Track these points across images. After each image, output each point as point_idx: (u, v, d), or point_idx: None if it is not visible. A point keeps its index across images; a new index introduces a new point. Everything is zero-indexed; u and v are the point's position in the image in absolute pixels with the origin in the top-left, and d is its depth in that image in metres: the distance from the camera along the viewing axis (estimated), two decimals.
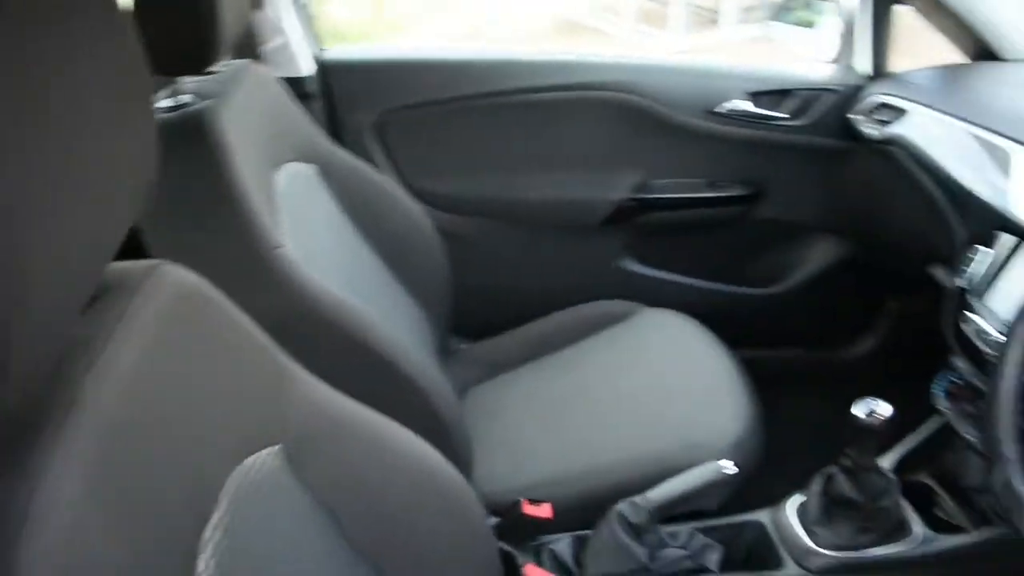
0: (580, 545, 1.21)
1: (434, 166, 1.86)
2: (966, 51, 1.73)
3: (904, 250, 1.67)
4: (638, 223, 1.88)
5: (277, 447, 0.75)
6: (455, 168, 1.87)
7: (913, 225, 1.57)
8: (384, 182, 1.53)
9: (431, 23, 6.45)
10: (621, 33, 6.50)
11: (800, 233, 1.95)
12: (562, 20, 6.75)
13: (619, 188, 1.85)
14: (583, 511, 1.23)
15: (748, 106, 1.78)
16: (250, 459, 0.71)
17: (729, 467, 1.19)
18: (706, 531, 1.26)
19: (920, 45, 1.82)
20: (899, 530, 1.24)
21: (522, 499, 1.20)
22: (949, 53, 1.74)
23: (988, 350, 1.17)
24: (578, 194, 1.86)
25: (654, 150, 1.84)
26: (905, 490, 1.28)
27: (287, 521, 0.75)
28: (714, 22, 6.43)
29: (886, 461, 1.36)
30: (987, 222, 1.28)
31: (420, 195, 1.74)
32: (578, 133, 1.85)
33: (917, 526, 1.25)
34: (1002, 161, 1.32)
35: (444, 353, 1.61)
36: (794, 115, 1.79)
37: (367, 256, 1.45)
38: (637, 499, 1.18)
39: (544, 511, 1.20)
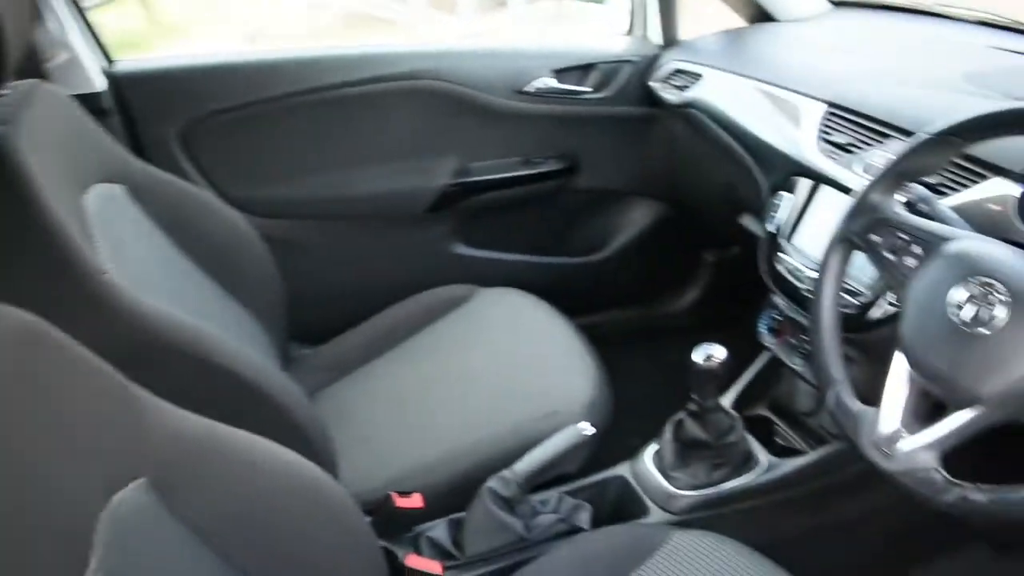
0: (456, 528, 1.22)
1: (250, 172, 1.80)
2: (745, 16, 1.87)
3: (714, 205, 1.78)
4: (463, 207, 1.90)
5: (142, 480, 0.71)
6: (272, 172, 1.81)
7: (720, 180, 1.68)
8: (199, 194, 1.45)
9: (210, 28, 6.16)
10: (411, 21, 6.48)
11: (617, 200, 2.04)
12: (348, 13, 6.63)
13: (440, 175, 1.86)
14: (454, 494, 1.24)
15: (554, 83, 1.84)
16: (117, 496, 0.67)
17: (588, 428, 1.24)
18: (573, 493, 1.31)
19: (704, 13, 1.95)
20: (747, 461, 1.34)
21: (392, 493, 1.19)
22: (730, 19, 1.88)
23: (802, 286, 1.27)
24: (400, 185, 1.86)
25: (469, 134, 1.86)
26: (747, 424, 1.39)
27: (165, 554, 0.71)
28: (503, 3, 6.54)
29: (726, 400, 1.46)
30: (785, 170, 1.40)
31: (239, 203, 1.67)
32: (393, 124, 1.84)
33: (762, 455, 1.35)
34: (792, 113, 1.45)
35: (287, 361, 1.56)
36: (598, 88, 1.87)
37: (192, 273, 1.38)
38: (505, 473, 1.20)
39: (415, 501, 1.20)
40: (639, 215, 2.05)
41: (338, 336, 1.68)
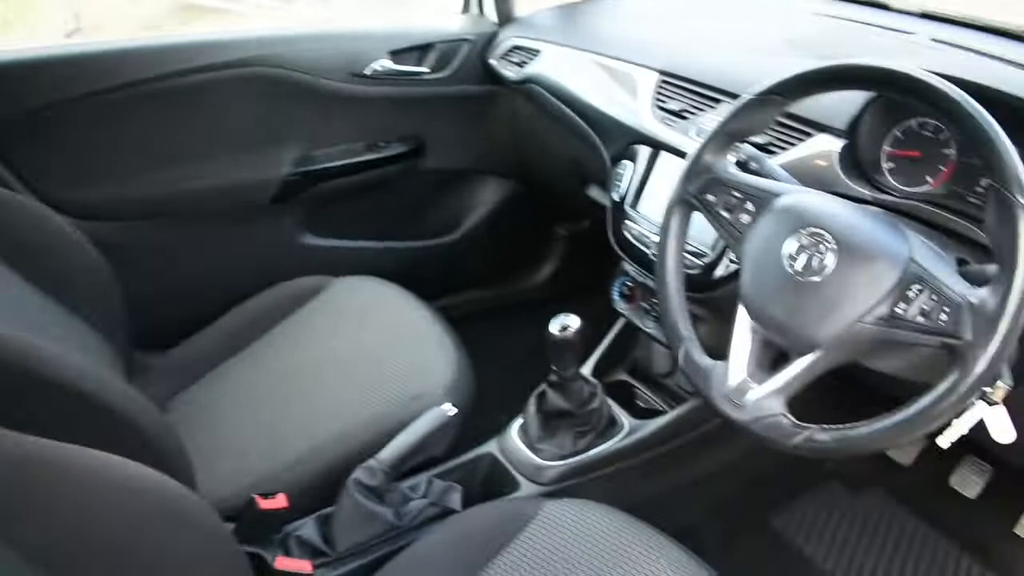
0: (326, 524, 1.18)
1: (75, 175, 1.67)
2: None
3: (562, 178, 1.81)
4: (309, 196, 1.84)
5: None
6: (100, 173, 1.68)
7: (565, 154, 1.71)
8: (19, 202, 1.34)
9: (22, 24, 5.70)
10: (246, 9, 6.23)
11: (466, 179, 2.04)
12: (178, 5, 6.31)
13: (282, 164, 1.79)
14: (321, 490, 1.21)
15: (391, 65, 1.81)
16: None
17: (450, 409, 1.23)
18: (443, 476, 1.30)
19: None
20: (611, 426, 1.37)
21: (254, 496, 1.15)
22: None
23: (649, 251, 1.31)
24: (241, 177, 1.78)
25: (309, 121, 1.80)
26: (608, 390, 1.41)
27: None
28: None
29: (586, 368, 1.49)
30: (625, 139, 1.43)
31: (66, 208, 1.55)
32: (228, 115, 1.75)
33: (625, 419, 1.38)
34: (628, 84, 1.48)
35: (134, 370, 1.47)
36: (437, 68, 1.85)
37: (17, 286, 1.28)
38: (371, 463, 1.18)
39: (279, 501, 1.16)
40: (489, 194, 2.05)
41: (188, 339, 1.60)
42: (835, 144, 1.13)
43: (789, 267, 0.87)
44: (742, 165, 1.04)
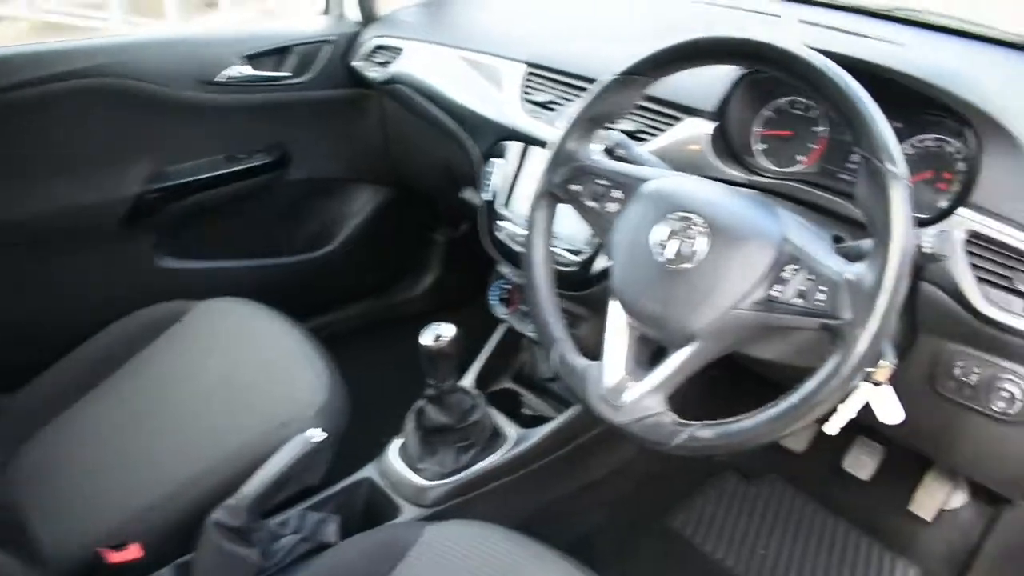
0: (185, 572, 1.07)
1: None
2: None
3: (435, 182, 1.73)
4: (165, 215, 1.70)
5: None
6: None
7: (436, 156, 1.63)
8: None
9: None
10: (111, 28, 5.93)
11: (337, 189, 1.93)
12: (42, 25, 5.96)
13: (132, 182, 1.65)
14: (180, 536, 1.09)
15: (247, 70, 1.69)
16: None
17: (316, 435, 1.13)
18: (318, 506, 1.21)
19: None
20: (495, 439, 1.29)
21: (101, 549, 1.03)
22: None
23: (522, 249, 1.24)
24: (86, 198, 1.62)
25: (160, 134, 1.67)
26: (493, 400, 1.34)
27: None
28: (213, 4, 6.15)
29: (468, 379, 1.41)
30: (494, 136, 1.36)
31: None
32: (71, 129, 1.60)
33: (510, 429, 1.31)
34: (494, 78, 1.42)
35: None
36: (297, 72, 1.75)
37: None
38: (231, 502, 1.07)
39: (132, 552, 1.05)
40: (362, 203, 1.95)
41: (36, 379, 1.45)
42: (706, 127, 1.10)
43: (659, 255, 0.81)
44: (609, 152, 0.98)
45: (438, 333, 1.17)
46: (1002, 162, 0.90)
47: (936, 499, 1.45)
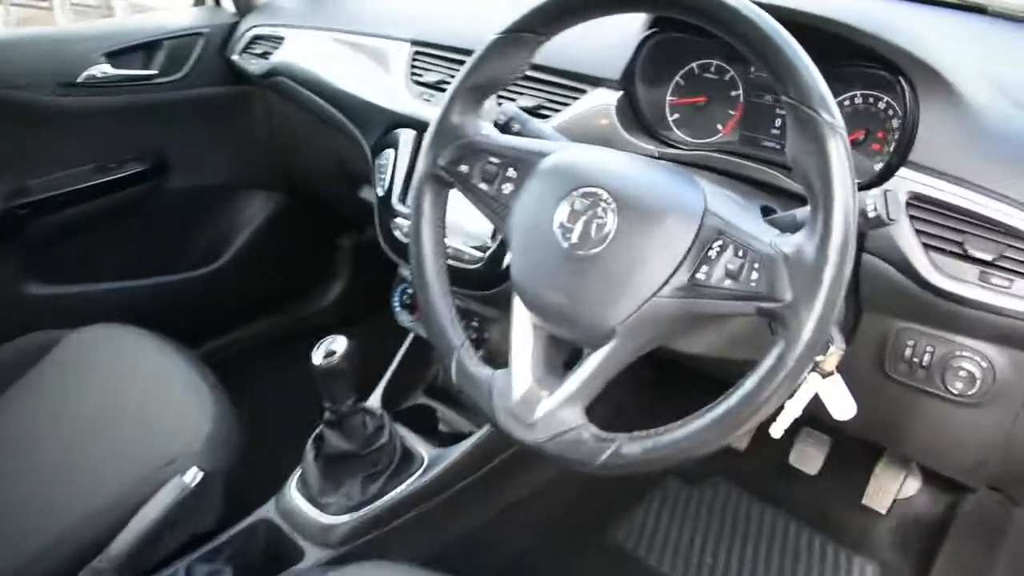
0: None
1: None
2: None
3: (331, 182, 1.58)
4: (28, 236, 1.52)
5: None
6: None
7: (327, 153, 1.49)
8: None
9: None
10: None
11: (225, 196, 1.76)
12: None
13: None
14: None
15: (111, 70, 1.51)
16: None
17: (194, 476, 0.98)
18: (210, 555, 1.06)
19: None
20: (407, 462, 1.15)
21: None
22: None
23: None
24: None
25: (17, 144, 1.48)
26: (404, 418, 1.21)
27: None
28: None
29: (374, 397, 1.27)
30: (384, 124, 1.24)
31: None
32: None
33: (423, 450, 1.17)
34: (380, 60, 1.30)
35: None
36: (168, 70, 1.58)
37: None
38: (97, 563, 0.92)
39: None
40: (253, 210, 1.78)
41: None
42: (613, 99, 0.98)
43: (564, 239, 0.69)
44: (503, 129, 0.85)
45: (331, 348, 1.03)
46: (942, 114, 0.80)
47: (889, 489, 1.36)
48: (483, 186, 0.76)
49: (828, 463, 1.43)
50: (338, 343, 1.03)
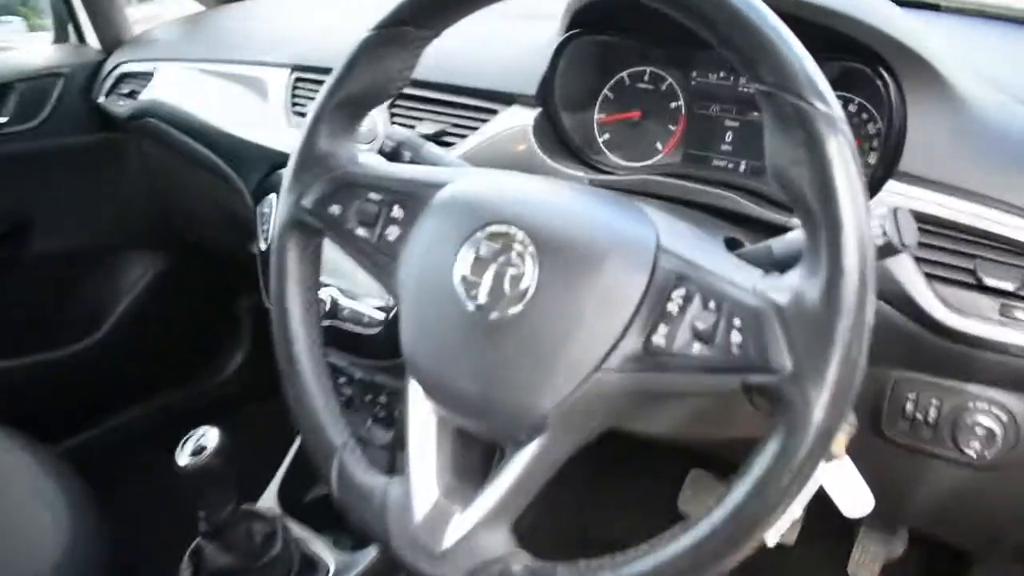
0: None
1: None
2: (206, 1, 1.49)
3: (218, 236, 1.38)
4: None
5: None
6: None
7: (209, 203, 1.30)
8: None
9: None
10: None
11: (100, 260, 1.53)
12: None
13: None
14: None
15: None
16: None
17: None
18: None
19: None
20: (308, 572, 0.94)
21: None
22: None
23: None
24: None
25: None
26: (308, 515, 1.00)
27: None
28: None
29: (270, 494, 1.06)
30: (265, 165, 1.06)
31: None
32: None
33: (330, 555, 0.97)
34: (259, 90, 1.11)
35: None
36: (20, 117, 1.36)
37: None
38: None
39: None
40: (135, 274, 1.55)
41: None
42: (530, 118, 0.81)
43: (469, 299, 0.50)
44: (391, 158, 0.67)
45: (199, 444, 0.82)
46: (933, 113, 0.65)
47: (876, 555, 1.18)
48: (361, 232, 0.57)
49: (806, 531, 1.25)
50: (208, 436, 0.83)
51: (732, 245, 0.59)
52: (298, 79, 1.04)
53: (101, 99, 1.40)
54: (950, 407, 0.68)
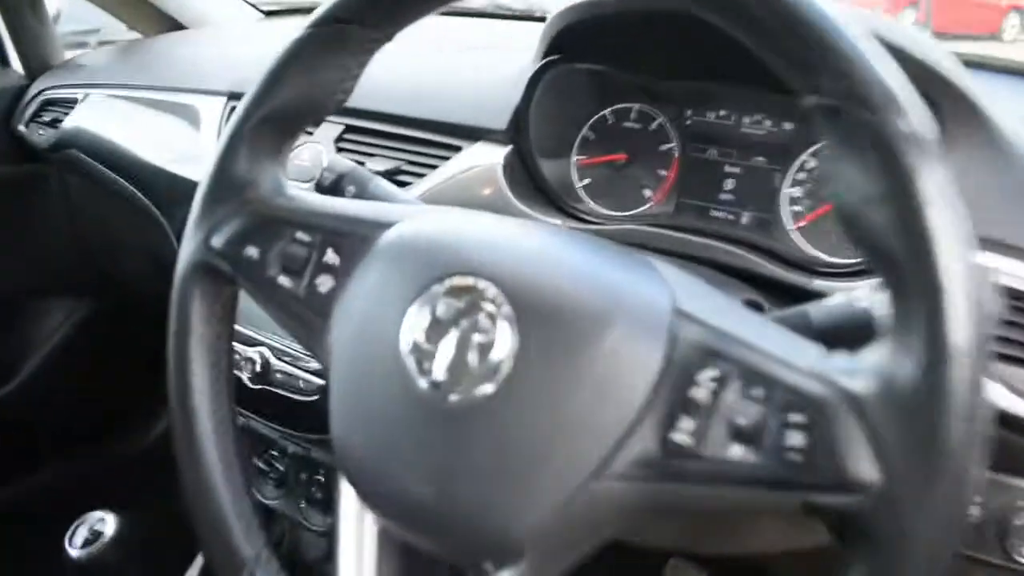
0: None
1: None
2: (148, 29, 1.38)
3: (147, 281, 1.24)
4: None
5: None
6: None
7: (136, 243, 1.17)
8: None
9: None
10: None
11: (15, 307, 1.38)
12: None
13: None
14: None
15: None
16: None
17: None
18: None
19: None
20: None
21: None
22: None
23: (242, 373, 0.79)
24: None
25: None
26: None
27: None
28: None
29: None
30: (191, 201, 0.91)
31: None
32: None
33: None
34: (192, 120, 0.99)
35: None
36: None
37: None
38: None
39: None
40: (53, 323, 1.40)
41: None
42: (499, 156, 0.70)
43: (421, 374, 0.37)
44: (329, 192, 0.55)
45: (93, 530, 0.68)
46: (978, 156, 0.55)
47: None
48: (284, 281, 0.45)
49: None
50: (105, 521, 0.69)
51: (754, 307, 0.47)
52: (234, 108, 0.93)
53: (21, 128, 1.27)
54: (997, 505, 0.57)
